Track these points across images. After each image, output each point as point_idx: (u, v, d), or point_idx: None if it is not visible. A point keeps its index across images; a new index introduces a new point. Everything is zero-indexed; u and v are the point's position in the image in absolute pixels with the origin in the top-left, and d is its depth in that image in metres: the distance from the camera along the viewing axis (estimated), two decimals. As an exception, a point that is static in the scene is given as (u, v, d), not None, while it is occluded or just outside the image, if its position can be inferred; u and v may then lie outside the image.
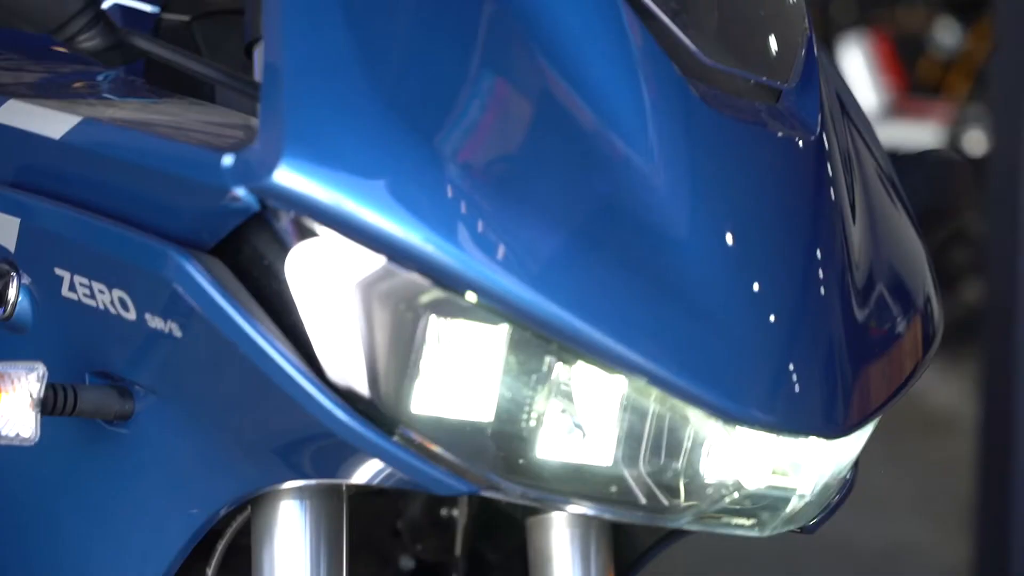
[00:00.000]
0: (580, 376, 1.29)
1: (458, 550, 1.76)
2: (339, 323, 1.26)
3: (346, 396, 1.26)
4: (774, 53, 1.44)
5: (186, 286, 1.29)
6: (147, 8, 1.70)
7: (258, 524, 1.44)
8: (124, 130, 1.39)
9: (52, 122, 1.43)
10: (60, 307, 1.41)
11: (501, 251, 1.24)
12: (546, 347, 1.27)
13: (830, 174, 1.41)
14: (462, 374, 1.27)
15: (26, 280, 1.44)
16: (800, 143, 1.39)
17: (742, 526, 1.35)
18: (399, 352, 1.26)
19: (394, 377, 1.26)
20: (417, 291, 1.25)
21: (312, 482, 1.40)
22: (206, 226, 1.30)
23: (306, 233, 1.27)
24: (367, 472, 1.31)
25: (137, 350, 1.37)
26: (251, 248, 1.29)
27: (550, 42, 1.33)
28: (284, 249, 1.28)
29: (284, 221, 1.27)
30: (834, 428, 1.32)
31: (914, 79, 7.31)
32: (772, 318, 1.31)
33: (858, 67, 6.89)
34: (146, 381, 1.38)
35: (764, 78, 1.41)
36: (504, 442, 1.28)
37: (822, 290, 1.35)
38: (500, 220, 1.25)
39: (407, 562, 1.79)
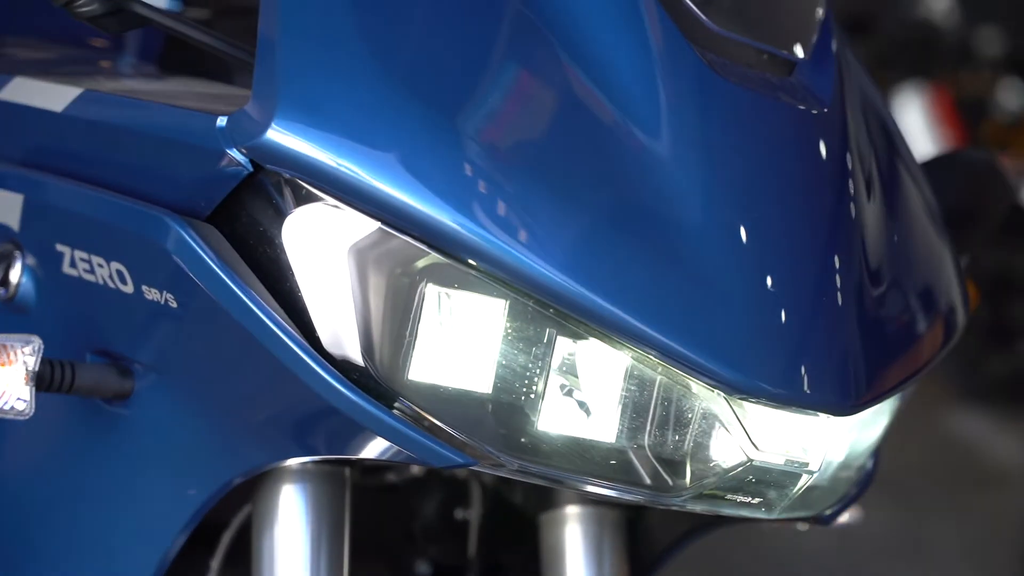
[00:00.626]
0: (581, 349, 1.25)
1: (472, 552, 1.73)
2: (335, 290, 1.24)
3: (342, 365, 1.24)
4: (789, 30, 1.42)
5: (181, 254, 1.27)
6: (167, 5, 1.69)
7: (259, 510, 1.41)
8: (123, 99, 1.39)
9: (54, 96, 1.42)
10: (61, 285, 1.39)
11: (500, 216, 1.22)
12: (546, 318, 1.24)
13: (844, 149, 1.37)
14: (460, 343, 1.24)
15: (29, 260, 1.42)
16: (813, 115, 1.36)
17: (748, 505, 1.31)
18: (395, 319, 1.23)
19: (390, 344, 1.24)
20: (414, 257, 1.23)
21: (314, 459, 1.37)
22: (202, 192, 1.28)
23: (301, 199, 1.24)
24: (367, 448, 1.28)
25: (135, 324, 1.35)
26: (247, 215, 1.27)
27: (557, 13, 1.30)
28: (280, 216, 1.25)
29: (279, 187, 1.25)
30: (844, 405, 1.28)
31: (976, 139, 7.23)
32: (782, 291, 1.27)
33: (916, 118, 6.82)
34: (144, 357, 1.36)
35: (777, 50, 1.38)
36: (503, 415, 1.25)
37: (835, 265, 1.31)
38: (500, 186, 1.23)
39: (423, 568, 1.76)
